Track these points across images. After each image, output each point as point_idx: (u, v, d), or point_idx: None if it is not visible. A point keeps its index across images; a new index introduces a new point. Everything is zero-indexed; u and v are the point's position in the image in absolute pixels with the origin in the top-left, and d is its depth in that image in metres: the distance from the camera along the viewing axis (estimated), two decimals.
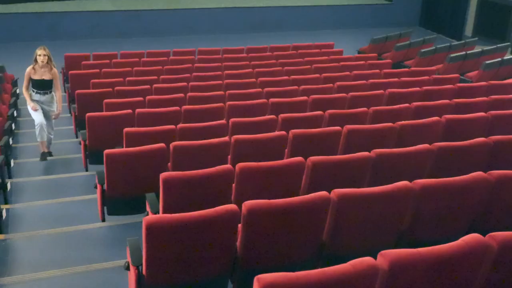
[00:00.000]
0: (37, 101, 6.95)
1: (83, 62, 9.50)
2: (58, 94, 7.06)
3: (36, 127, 6.95)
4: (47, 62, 6.84)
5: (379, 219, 3.38)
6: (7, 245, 4.55)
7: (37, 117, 6.94)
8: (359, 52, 12.38)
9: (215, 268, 3.17)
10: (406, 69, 9.41)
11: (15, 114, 7.98)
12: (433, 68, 9.53)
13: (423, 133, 5.25)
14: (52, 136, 7.23)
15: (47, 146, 7.16)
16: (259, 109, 6.33)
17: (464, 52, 10.48)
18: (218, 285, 3.26)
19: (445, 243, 2.47)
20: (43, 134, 6.95)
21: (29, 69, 6.91)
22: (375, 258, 2.36)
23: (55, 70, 7.00)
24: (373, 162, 4.18)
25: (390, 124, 5.17)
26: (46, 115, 7.03)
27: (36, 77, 6.89)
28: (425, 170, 4.42)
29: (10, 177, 6.17)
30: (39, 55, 6.79)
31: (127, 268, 3.28)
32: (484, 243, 2.50)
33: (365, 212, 3.32)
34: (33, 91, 6.97)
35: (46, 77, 6.90)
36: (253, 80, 8.09)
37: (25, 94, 6.95)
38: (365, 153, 4.17)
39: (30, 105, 6.89)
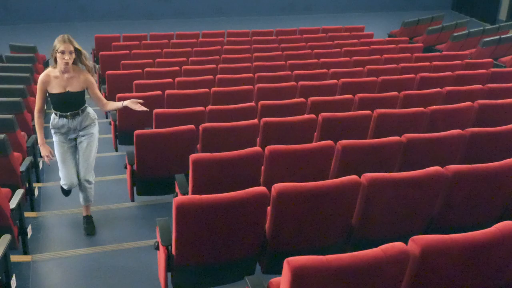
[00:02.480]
0: (62, 132, 4.39)
1: (113, 43, 9.56)
2: (109, 106, 4.55)
3: (62, 184, 4.54)
4: (74, 63, 4.22)
5: (409, 205, 3.34)
6: (39, 223, 4.63)
7: (65, 171, 4.42)
8: (389, 36, 12.22)
9: (244, 250, 3.19)
10: (438, 53, 9.25)
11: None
12: (466, 52, 9.36)
13: (455, 119, 5.17)
14: (91, 185, 4.52)
15: (85, 203, 4.59)
16: (288, 92, 6.30)
17: (498, 37, 10.25)
18: (247, 266, 3.27)
19: (476, 230, 2.44)
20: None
21: (43, 76, 4.26)
22: (405, 243, 2.34)
23: (87, 75, 4.31)
24: (404, 147, 4.14)
25: (421, 108, 5.10)
26: (82, 152, 4.42)
27: (56, 89, 4.26)
28: (457, 156, 4.36)
29: (41, 156, 6.26)
30: (61, 53, 4.10)
31: (157, 248, 3.31)
32: None
33: (395, 197, 3.28)
34: (55, 114, 4.34)
35: (74, 87, 4.28)
36: (282, 62, 8.04)
37: (37, 125, 4.43)
38: (396, 138, 4.12)
39: (42, 152, 4.40)
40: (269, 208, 3.12)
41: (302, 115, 5.10)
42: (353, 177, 3.15)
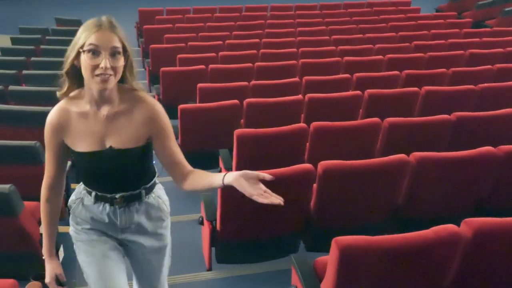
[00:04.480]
0: (95, 229, 2.18)
1: (157, 17, 9.57)
2: (198, 181, 2.09)
3: None
4: (121, 80, 1.97)
5: (458, 185, 3.26)
6: None
7: None
8: (437, 11, 11.89)
9: (288, 227, 3.16)
10: (488, 29, 8.96)
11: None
12: None
13: (506, 97, 5.00)
14: None
15: None
16: (333, 68, 6.20)
17: None
18: (291, 244, 3.25)
19: None
20: None
21: (55, 115, 2.02)
22: (452, 224, 2.27)
23: (152, 108, 2.02)
24: (453, 125, 4.03)
25: (470, 86, 4.96)
26: (145, 276, 2.35)
27: (84, 144, 2.02)
28: (508, 136, 4.22)
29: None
30: (91, 52, 1.84)
31: (201, 223, 3.32)
32: None
33: (444, 177, 3.20)
34: (88, 193, 2.15)
35: (125, 138, 2.01)
36: (327, 37, 7.92)
37: (43, 213, 2.21)
38: (445, 116, 4.02)
39: (47, 270, 2.20)
40: (314, 185, 3.09)
41: (347, 91, 5.02)
42: (402, 155, 3.08)
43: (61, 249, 3.35)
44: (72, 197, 2.22)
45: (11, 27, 10.56)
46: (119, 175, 2.08)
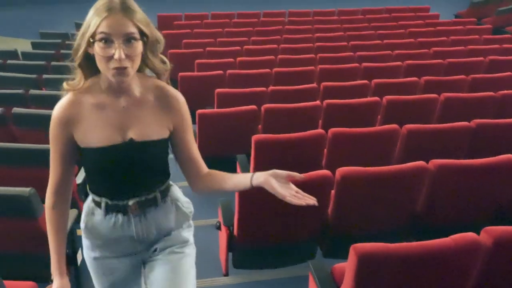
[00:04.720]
0: (107, 244, 1.99)
1: (175, 22, 9.64)
2: (218, 181, 2.13)
3: None
4: (140, 69, 1.83)
5: (478, 193, 3.23)
6: None
7: None
8: (456, 16, 11.82)
9: (306, 232, 3.16)
10: (508, 35, 8.88)
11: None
12: None
13: None
14: None
15: None
16: (351, 73, 6.19)
17: None
18: (308, 250, 3.24)
19: None
20: None
21: (63, 107, 1.81)
22: (471, 232, 2.25)
23: (174, 98, 1.94)
24: (473, 132, 3.99)
25: (490, 93, 4.91)
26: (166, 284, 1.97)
27: (99, 138, 1.81)
28: None
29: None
30: (103, 41, 1.66)
31: (219, 228, 3.33)
32: None
33: (463, 185, 3.17)
34: (94, 203, 1.95)
35: (145, 130, 1.85)
36: (345, 43, 7.90)
37: (50, 224, 1.98)
38: (464, 123, 3.99)
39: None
40: (332, 191, 3.08)
41: (365, 97, 5.01)
42: (420, 163, 3.06)
43: (80, 252, 3.37)
44: (82, 216, 2.03)
45: (32, 31, 10.70)
46: (136, 174, 1.87)
